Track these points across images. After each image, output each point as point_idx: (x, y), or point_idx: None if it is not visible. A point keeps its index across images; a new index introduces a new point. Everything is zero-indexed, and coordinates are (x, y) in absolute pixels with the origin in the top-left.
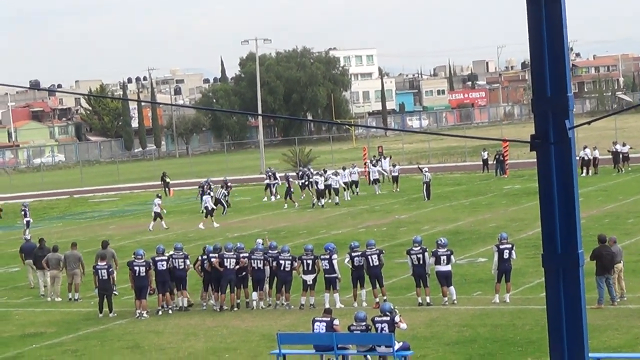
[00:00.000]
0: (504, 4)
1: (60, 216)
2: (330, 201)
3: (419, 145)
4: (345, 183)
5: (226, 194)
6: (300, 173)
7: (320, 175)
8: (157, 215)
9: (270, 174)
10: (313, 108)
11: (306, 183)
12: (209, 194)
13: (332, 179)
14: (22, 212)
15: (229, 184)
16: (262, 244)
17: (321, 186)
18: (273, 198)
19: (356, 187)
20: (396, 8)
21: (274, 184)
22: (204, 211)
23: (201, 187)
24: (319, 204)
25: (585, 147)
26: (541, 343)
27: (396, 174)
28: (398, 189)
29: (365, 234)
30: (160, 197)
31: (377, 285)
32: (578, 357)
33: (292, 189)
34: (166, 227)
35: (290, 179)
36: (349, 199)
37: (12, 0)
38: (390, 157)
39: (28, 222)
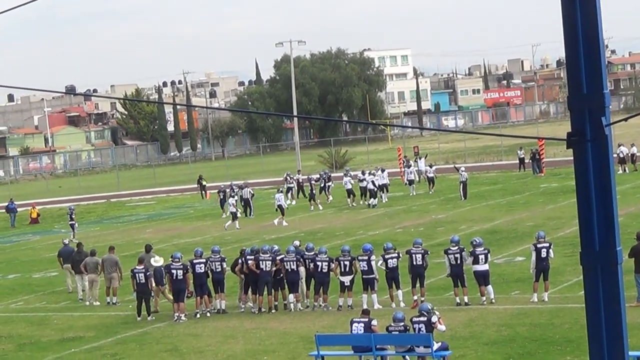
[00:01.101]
0: (539, 2)
1: (98, 220)
2: (363, 203)
3: (455, 144)
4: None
5: (251, 194)
6: (319, 176)
7: (364, 175)
8: (234, 216)
9: (289, 177)
10: (348, 109)
11: (323, 185)
12: (233, 197)
13: (367, 180)
14: (68, 216)
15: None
16: (300, 245)
17: (371, 186)
18: (293, 202)
19: (386, 191)
20: (430, 8)
21: (290, 188)
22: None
23: (222, 192)
24: (368, 203)
25: (620, 145)
26: (580, 342)
27: (432, 175)
28: (432, 191)
29: (402, 235)
30: (234, 197)
31: (418, 285)
32: (617, 355)
33: (313, 191)
34: (239, 227)
35: (313, 182)
36: (386, 200)
37: (46, 5)
38: (426, 157)
39: (72, 225)
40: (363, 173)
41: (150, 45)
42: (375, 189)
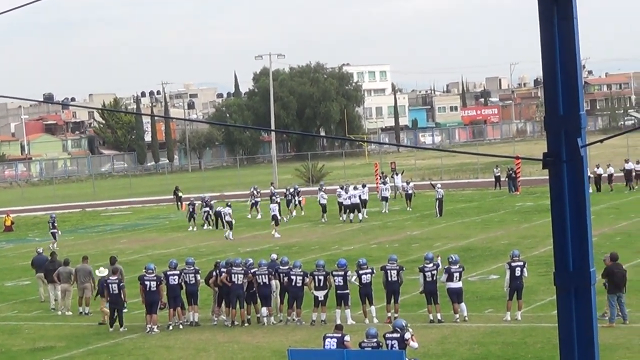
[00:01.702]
0: (517, 21)
1: (72, 229)
2: (343, 218)
3: (432, 161)
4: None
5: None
6: (285, 190)
7: (344, 190)
8: (229, 225)
9: (255, 192)
10: (326, 123)
11: (290, 199)
12: (229, 206)
13: (354, 195)
14: (50, 224)
15: (208, 201)
16: (276, 259)
17: (357, 200)
18: (259, 216)
19: (364, 207)
20: (409, 24)
21: (257, 202)
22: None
23: (191, 205)
24: (345, 219)
25: (597, 166)
26: None
27: (410, 192)
28: (410, 208)
29: (377, 250)
30: (230, 206)
31: (392, 301)
32: None
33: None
34: (232, 238)
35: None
36: (366, 216)
37: (25, 12)
38: (403, 172)
39: (54, 233)
40: (342, 188)
41: (130, 55)
42: (359, 204)
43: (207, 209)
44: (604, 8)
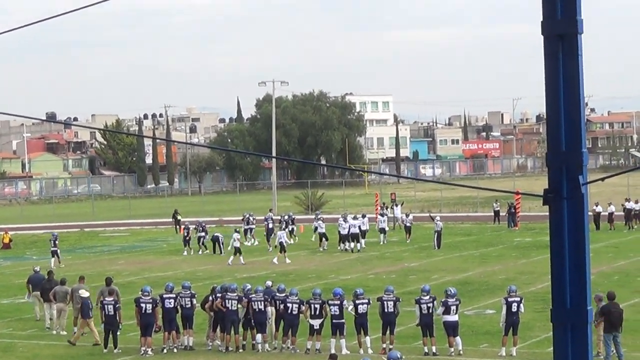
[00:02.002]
0: (522, 57)
1: (70, 249)
2: (341, 248)
3: (432, 193)
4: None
5: (203, 235)
6: (280, 217)
7: (345, 221)
8: (237, 250)
9: (250, 218)
10: (327, 152)
11: (284, 227)
12: (237, 231)
13: (353, 225)
14: (51, 242)
15: (204, 226)
16: (272, 285)
17: (356, 230)
18: (249, 243)
19: (363, 237)
20: (413, 56)
21: (252, 229)
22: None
23: (186, 229)
24: (344, 248)
25: (596, 204)
26: None
27: (409, 224)
28: (409, 240)
29: (374, 281)
30: (238, 232)
31: (388, 332)
32: None
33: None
34: (244, 262)
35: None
36: (364, 246)
37: (30, 31)
38: (403, 204)
39: (55, 251)
40: (343, 218)
41: (133, 77)
42: (359, 234)
43: (203, 233)
44: (609, 46)
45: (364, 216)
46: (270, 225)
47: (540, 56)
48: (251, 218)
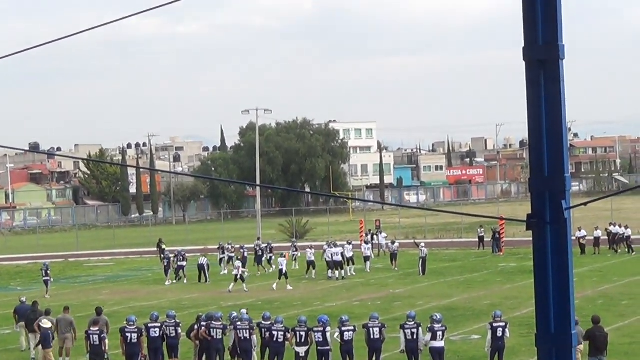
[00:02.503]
0: (504, 83)
1: (55, 279)
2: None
3: (416, 220)
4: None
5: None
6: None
7: (330, 247)
8: (239, 277)
9: (230, 246)
10: (311, 179)
11: (261, 254)
12: (238, 259)
13: (335, 252)
14: (43, 272)
15: (184, 255)
16: (247, 313)
17: (339, 258)
18: (224, 271)
19: (352, 263)
20: (396, 83)
21: (231, 257)
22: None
23: (166, 259)
24: (333, 276)
25: (580, 229)
26: None
27: (395, 251)
28: (396, 268)
29: (359, 307)
30: (240, 260)
31: (374, 358)
32: None
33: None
34: (247, 290)
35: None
36: (354, 273)
37: (13, 62)
38: (382, 232)
39: (47, 281)
40: (329, 245)
41: (116, 106)
42: (342, 261)
43: (183, 262)
44: (591, 71)
45: (349, 243)
46: (260, 252)
47: (523, 82)
48: (230, 246)
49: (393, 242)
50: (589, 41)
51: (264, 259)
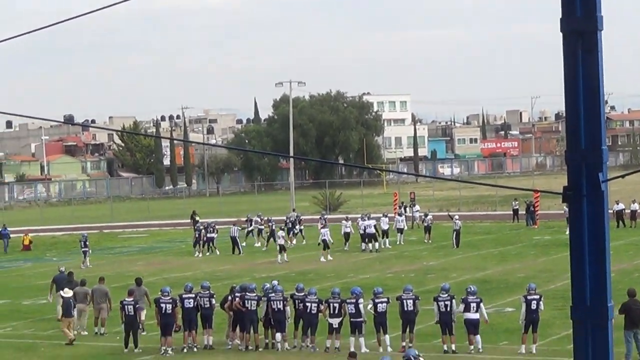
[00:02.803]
0: (540, 54)
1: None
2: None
3: (450, 192)
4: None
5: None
6: (286, 218)
7: (363, 220)
8: (282, 248)
9: (259, 219)
10: (345, 152)
11: (290, 227)
12: (282, 229)
13: (369, 224)
14: (81, 243)
15: (214, 226)
16: (279, 285)
17: (371, 230)
18: (261, 244)
19: (387, 236)
20: (431, 56)
21: (261, 230)
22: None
23: (197, 231)
24: (367, 248)
25: (617, 202)
26: None
27: (429, 224)
28: (430, 240)
29: (392, 280)
30: (283, 230)
31: (407, 331)
32: None
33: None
34: (287, 260)
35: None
36: (389, 245)
37: (46, 34)
38: (416, 204)
39: (85, 252)
40: (363, 218)
41: (150, 79)
42: (376, 234)
43: (213, 234)
44: (629, 43)
45: (385, 215)
46: (289, 225)
47: (559, 54)
48: (257, 218)
49: (426, 215)
50: (628, 11)
51: (293, 230)
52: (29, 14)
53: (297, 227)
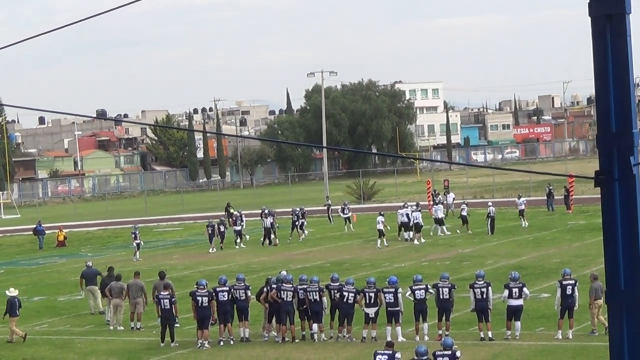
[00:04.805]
0: (570, 39)
1: (125, 245)
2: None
3: (484, 179)
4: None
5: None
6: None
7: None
8: (381, 233)
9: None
10: (378, 141)
11: (295, 220)
12: (382, 214)
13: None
14: (133, 235)
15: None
16: (287, 274)
17: (404, 219)
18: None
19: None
20: (462, 43)
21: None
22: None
23: (210, 227)
24: (404, 238)
25: None
26: None
27: (465, 213)
28: (470, 231)
29: (428, 268)
30: (382, 215)
31: (444, 319)
32: None
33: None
34: (387, 244)
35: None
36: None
37: (80, 29)
38: (450, 192)
39: (138, 244)
40: (404, 206)
41: (182, 72)
42: (411, 224)
43: (238, 227)
44: None
45: (417, 205)
46: (294, 218)
47: (590, 38)
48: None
49: (464, 204)
50: None
51: (298, 224)
52: (58, 11)
53: (300, 220)
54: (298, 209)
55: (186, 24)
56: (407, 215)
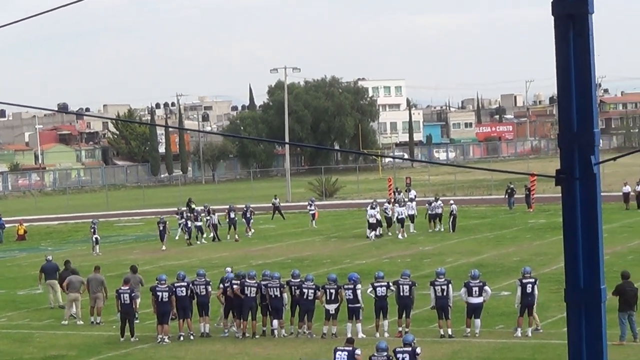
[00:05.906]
0: (533, 38)
1: (85, 239)
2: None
3: (446, 177)
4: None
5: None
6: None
7: (373, 208)
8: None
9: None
10: (340, 138)
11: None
12: (374, 208)
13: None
14: (91, 230)
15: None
16: (232, 271)
17: (372, 220)
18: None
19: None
20: (425, 40)
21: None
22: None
23: (161, 223)
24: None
25: (625, 183)
26: None
27: (440, 210)
28: (442, 228)
29: (389, 265)
30: (374, 208)
31: (404, 316)
32: None
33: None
34: (382, 233)
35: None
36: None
37: (41, 23)
38: (411, 189)
39: (97, 239)
40: (389, 202)
41: (145, 66)
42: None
43: (199, 223)
44: (621, 26)
45: (411, 200)
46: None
47: (553, 38)
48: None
49: (436, 200)
50: None
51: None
52: (16, 4)
53: (241, 217)
54: (204, 207)
55: (149, 17)
56: (376, 217)
